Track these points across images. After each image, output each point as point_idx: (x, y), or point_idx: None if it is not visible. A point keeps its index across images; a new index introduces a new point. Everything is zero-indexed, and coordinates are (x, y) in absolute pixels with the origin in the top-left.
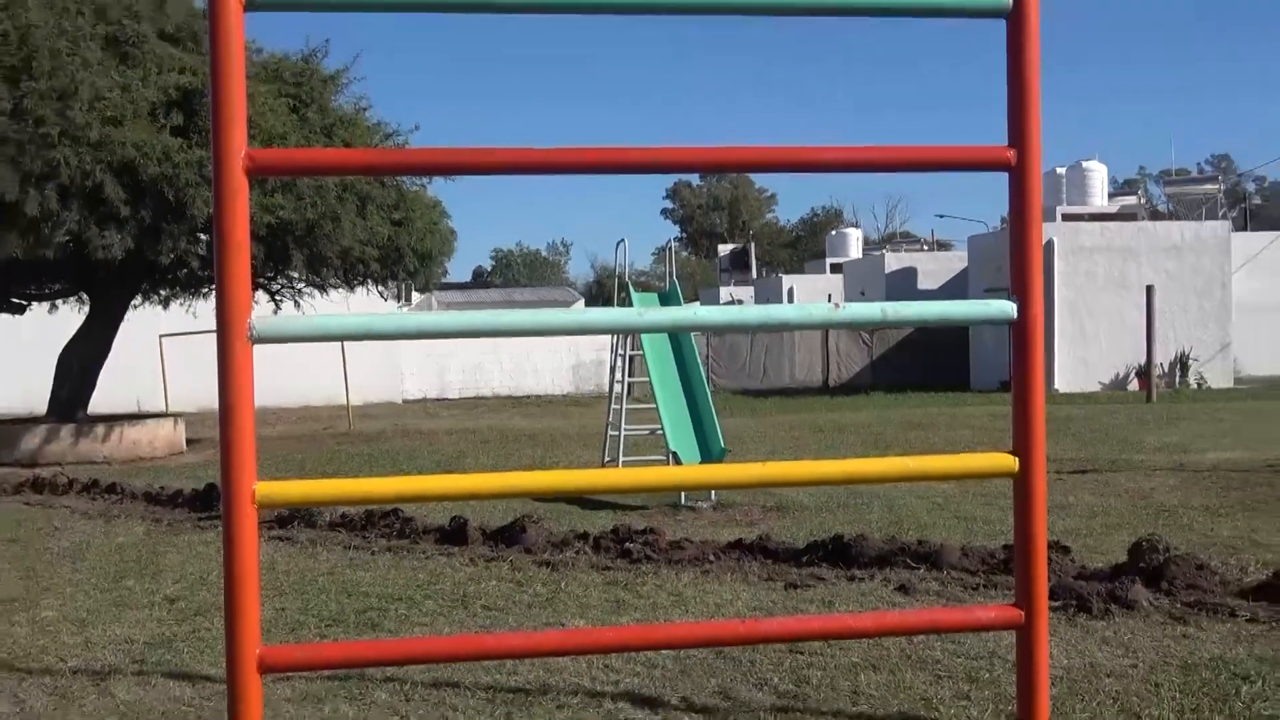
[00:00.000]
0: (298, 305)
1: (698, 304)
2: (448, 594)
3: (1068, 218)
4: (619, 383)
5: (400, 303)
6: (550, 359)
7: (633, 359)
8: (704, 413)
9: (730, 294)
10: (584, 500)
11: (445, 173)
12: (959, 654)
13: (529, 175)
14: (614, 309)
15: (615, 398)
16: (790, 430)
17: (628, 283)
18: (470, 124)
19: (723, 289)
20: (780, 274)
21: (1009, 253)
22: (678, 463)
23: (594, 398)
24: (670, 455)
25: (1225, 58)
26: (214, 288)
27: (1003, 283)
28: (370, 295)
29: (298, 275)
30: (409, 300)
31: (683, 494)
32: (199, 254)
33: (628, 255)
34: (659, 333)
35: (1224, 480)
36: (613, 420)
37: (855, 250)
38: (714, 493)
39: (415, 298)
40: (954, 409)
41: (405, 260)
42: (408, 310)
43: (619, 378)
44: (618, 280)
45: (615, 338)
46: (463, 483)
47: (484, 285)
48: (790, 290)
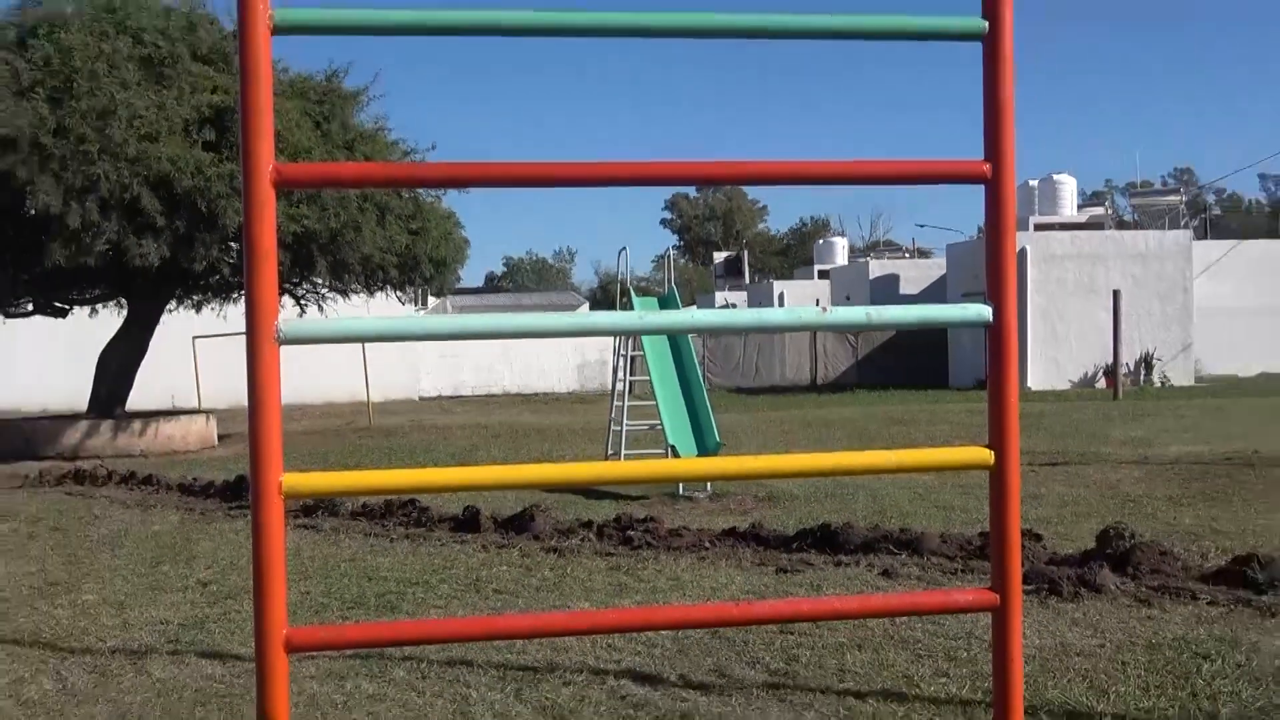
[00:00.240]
0: (321, 309)
1: (694, 307)
2: (461, 578)
3: (1040, 227)
4: (621, 381)
5: (417, 307)
6: (557, 359)
7: (634, 359)
8: (700, 409)
9: (725, 298)
10: (588, 491)
11: (458, 185)
12: (939, 634)
13: (535, 188)
14: (616, 312)
15: (617, 395)
16: (781, 425)
17: (629, 288)
18: (482, 137)
19: (718, 294)
20: (772, 280)
21: (985, 260)
22: (676, 456)
23: (598, 395)
24: (669, 449)
25: (1188, 74)
26: (244, 292)
27: (979, 288)
28: (389, 300)
29: (321, 281)
30: (425, 304)
31: (680, 485)
32: (230, 261)
33: (629, 262)
34: (658, 334)
35: (1186, 472)
36: (615, 416)
37: (841, 258)
38: (709, 484)
39: (431, 302)
40: (933, 406)
41: (422, 267)
42: (424, 314)
43: (621, 377)
44: (620, 285)
45: (617, 339)
46: (475, 474)
47: (495, 289)
48: (781, 295)
